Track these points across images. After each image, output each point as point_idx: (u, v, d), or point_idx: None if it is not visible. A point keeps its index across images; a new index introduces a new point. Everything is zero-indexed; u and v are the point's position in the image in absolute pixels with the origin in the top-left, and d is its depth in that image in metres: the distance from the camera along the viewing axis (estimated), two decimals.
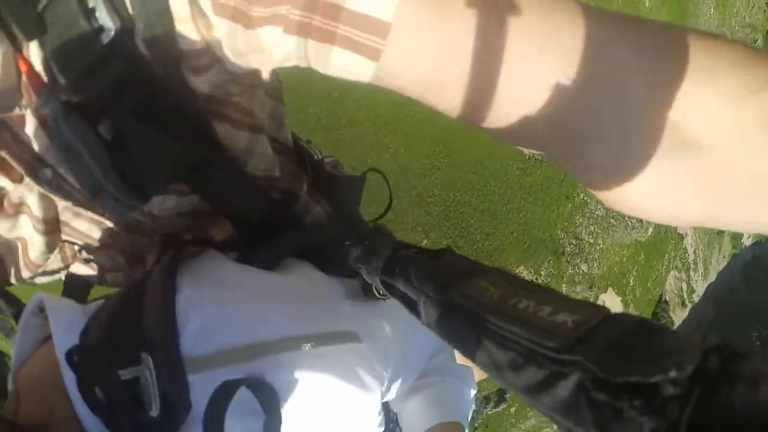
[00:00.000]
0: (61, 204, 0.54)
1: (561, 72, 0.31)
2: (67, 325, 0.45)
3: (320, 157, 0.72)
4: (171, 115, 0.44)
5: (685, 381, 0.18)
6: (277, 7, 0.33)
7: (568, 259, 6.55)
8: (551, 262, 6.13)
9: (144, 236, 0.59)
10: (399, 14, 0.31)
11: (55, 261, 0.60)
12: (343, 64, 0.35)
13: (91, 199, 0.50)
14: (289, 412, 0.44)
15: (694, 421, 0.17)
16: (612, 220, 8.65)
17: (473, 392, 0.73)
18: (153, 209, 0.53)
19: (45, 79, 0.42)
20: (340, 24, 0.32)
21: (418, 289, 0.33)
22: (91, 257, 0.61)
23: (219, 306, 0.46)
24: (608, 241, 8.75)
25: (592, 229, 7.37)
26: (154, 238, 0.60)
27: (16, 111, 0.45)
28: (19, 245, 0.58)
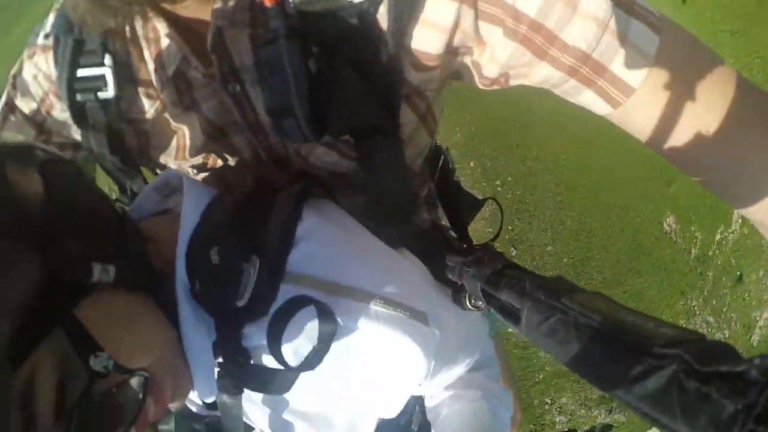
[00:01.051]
0: (231, 117, 0.59)
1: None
2: (197, 199, 0.52)
3: (453, 166, 0.80)
4: (375, 80, 0.49)
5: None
6: (560, 53, 0.45)
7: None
8: None
9: (283, 172, 0.64)
10: (643, 85, 0.45)
11: (194, 163, 0.65)
12: (589, 102, 0.49)
13: (270, 119, 0.53)
14: (336, 351, 0.48)
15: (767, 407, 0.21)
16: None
17: (510, 415, 0.74)
18: (311, 156, 0.60)
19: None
20: (601, 78, 0.46)
21: (527, 294, 0.39)
22: (219, 173, 0.66)
23: (329, 241, 0.52)
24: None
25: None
26: (287, 178, 0.66)
27: (235, 28, 0.52)
28: (177, 134, 0.63)
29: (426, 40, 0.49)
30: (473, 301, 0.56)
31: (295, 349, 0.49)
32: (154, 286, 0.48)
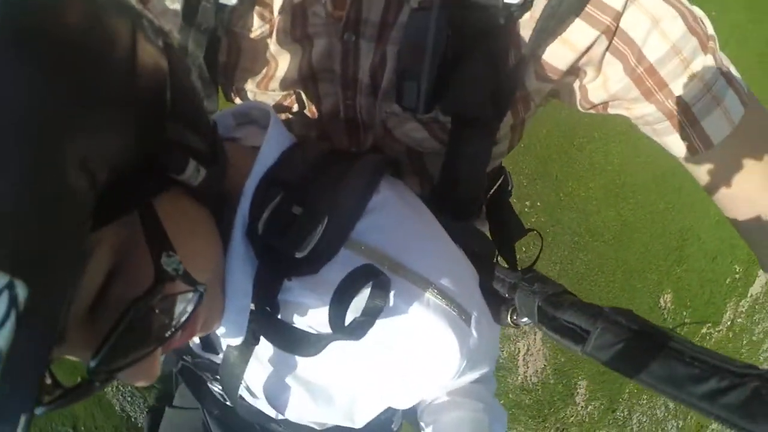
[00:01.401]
0: (330, 64, 0.60)
1: None
2: (280, 137, 0.51)
3: (511, 186, 0.82)
4: (499, 75, 0.52)
5: None
6: (665, 98, 0.52)
7: None
8: None
9: (353, 136, 0.66)
10: (723, 144, 0.52)
11: (273, 98, 0.66)
12: (672, 143, 0.55)
13: (366, 80, 0.58)
14: (379, 328, 0.47)
15: None
16: None
17: None
18: (397, 130, 0.61)
19: None
20: (691, 127, 0.52)
21: (602, 317, 0.43)
22: (295, 119, 0.67)
23: (400, 218, 0.52)
24: None
25: (644, 421, 6.76)
26: (351, 146, 0.67)
27: None
28: (270, 63, 0.63)
29: (558, 55, 0.53)
30: (515, 318, 0.57)
31: (339, 314, 0.48)
32: (219, 210, 0.47)
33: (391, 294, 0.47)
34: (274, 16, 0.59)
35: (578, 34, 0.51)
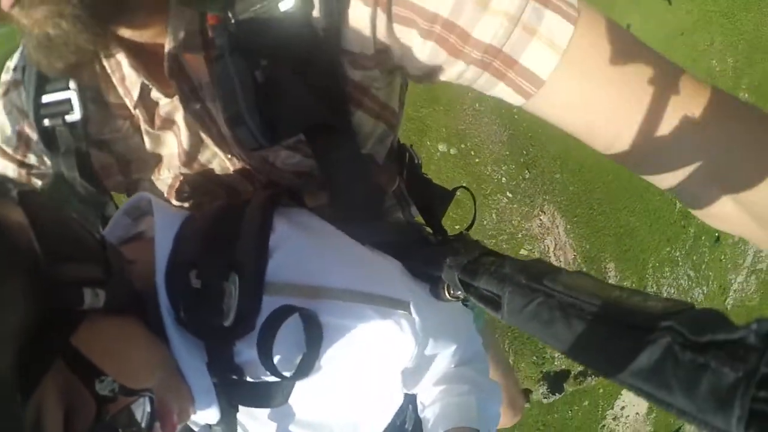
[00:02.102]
0: (197, 134, 0.61)
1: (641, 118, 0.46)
2: (169, 224, 0.52)
3: (419, 161, 0.81)
4: (318, 81, 0.52)
5: (766, 334, 0.21)
6: (472, 49, 0.47)
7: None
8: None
9: (252, 182, 0.66)
10: (552, 77, 0.46)
11: (165, 182, 0.67)
12: (503, 94, 0.50)
13: (229, 131, 0.59)
14: (326, 352, 0.50)
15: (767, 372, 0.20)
16: (689, 300, 7.68)
17: (499, 408, 0.76)
18: (277, 161, 0.61)
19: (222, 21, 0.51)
20: (511, 70, 0.47)
21: (509, 280, 0.39)
22: (192, 196, 0.68)
23: (302, 247, 0.52)
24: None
25: (672, 292, 7.48)
26: (257, 188, 0.67)
27: (189, 52, 0.55)
28: (151, 152, 0.64)
29: (355, 40, 0.51)
30: (452, 291, 0.57)
31: (287, 358, 0.49)
32: (141, 309, 0.48)
33: (324, 319, 0.49)
34: (132, 112, 0.61)
35: (356, 15, 0.49)
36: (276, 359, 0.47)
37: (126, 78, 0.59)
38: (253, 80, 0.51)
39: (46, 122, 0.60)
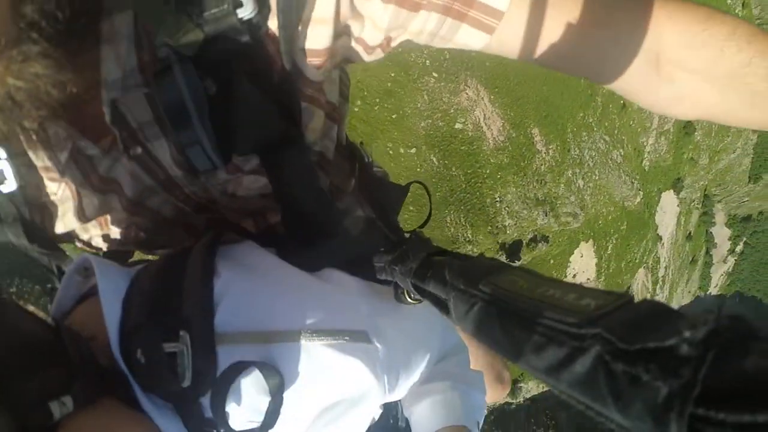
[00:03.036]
0: (142, 183, 0.58)
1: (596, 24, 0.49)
2: (114, 292, 0.50)
3: (370, 159, 0.80)
4: (274, 89, 0.51)
5: (700, 342, 0.19)
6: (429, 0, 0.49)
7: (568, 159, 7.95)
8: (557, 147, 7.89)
9: (213, 215, 0.65)
10: (510, 6, 0.49)
11: (117, 232, 0.64)
12: (466, 38, 0.51)
13: (177, 171, 0.56)
14: (291, 395, 0.49)
15: (707, 385, 0.18)
16: (610, 162, 9.04)
17: (484, 398, 0.75)
18: (239, 189, 0.59)
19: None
20: (472, 9, 0.49)
21: (450, 285, 0.39)
22: (147, 240, 0.66)
23: (249, 292, 0.51)
24: (603, 179, 8.99)
25: (594, 155, 8.54)
26: (216, 220, 0.66)
27: (130, 92, 0.50)
28: (95, 212, 0.61)
29: (316, 36, 0.51)
30: (413, 296, 0.55)
31: (255, 408, 0.49)
32: (113, 383, 0.46)
33: (283, 364, 0.49)
34: (61, 176, 0.57)
35: (319, 7, 0.49)
36: (244, 409, 0.48)
37: (51, 140, 0.54)
38: (204, 92, 0.48)
39: None
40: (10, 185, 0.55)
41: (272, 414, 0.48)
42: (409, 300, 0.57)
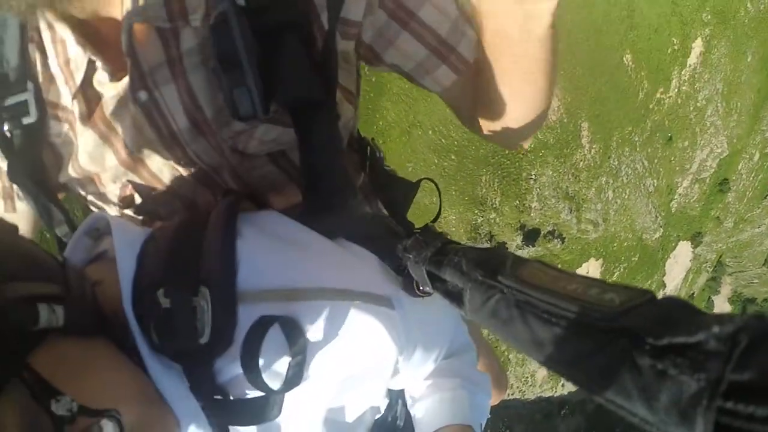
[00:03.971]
0: (144, 137, 0.58)
1: None
2: (129, 245, 0.50)
3: (380, 154, 0.81)
4: (317, 52, 0.54)
5: (728, 337, 0.19)
6: (419, 26, 0.58)
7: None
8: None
9: (210, 187, 0.64)
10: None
11: (113, 193, 0.63)
12: (440, 76, 0.64)
13: (186, 125, 0.56)
14: (312, 354, 0.49)
15: (734, 380, 0.18)
16: (642, 188, 9.30)
17: (489, 400, 0.75)
18: (251, 143, 0.59)
19: None
20: (451, 54, 0.62)
21: (466, 275, 0.39)
22: (146, 207, 0.65)
23: (272, 251, 0.52)
24: (631, 201, 9.24)
25: (629, 173, 8.75)
26: (217, 195, 0.65)
27: (148, 25, 0.52)
28: (93, 159, 0.60)
29: (353, 6, 0.54)
30: (421, 288, 0.54)
31: (273, 369, 0.48)
32: (114, 332, 0.46)
33: (305, 322, 0.48)
34: (67, 114, 0.58)
35: None
36: (264, 373, 0.46)
37: (71, 61, 0.55)
38: (256, 43, 0.50)
39: (5, 127, 0.57)
40: (32, 117, 0.56)
41: (294, 374, 0.47)
42: (417, 292, 0.56)
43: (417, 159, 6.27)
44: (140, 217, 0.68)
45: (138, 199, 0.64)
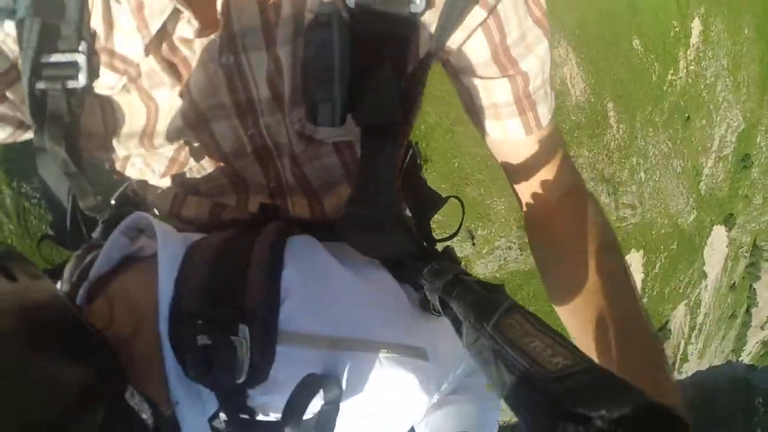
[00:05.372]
0: (216, 98, 0.54)
1: None
2: (172, 260, 0.48)
3: (419, 162, 0.81)
4: (408, 83, 0.53)
5: (611, 422, 0.26)
6: (516, 74, 0.56)
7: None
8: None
9: (267, 174, 0.61)
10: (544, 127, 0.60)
11: (164, 155, 0.58)
12: (511, 126, 0.60)
13: (266, 95, 0.53)
14: (346, 404, 0.48)
15: None
16: (671, 168, 9.15)
17: (498, 417, 0.77)
18: (319, 131, 0.57)
19: None
20: (531, 111, 0.59)
21: (464, 314, 0.44)
22: (191, 178, 0.61)
23: (317, 293, 0.50)
24: (662, 182, 9.09)
25: (656, 154, 8.78)
26: (270, 179, 0.62)
27: None
28: (147, 114, 0.55)
29: (459, 33, 0.53)
30: (436, 309, 0.55)
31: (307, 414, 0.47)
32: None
33: (342, 371, 0.48)
34: (128, 65, 0.52)
35: (471, 17, 0.52)
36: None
37: (145, 6, 0.49)
38: (351, 58, 0.49)
39: (42, 85, 0.50)
40: (80, 82, 0.51)
41: (326, 422, 0.47)
42: (432, 312, 0.57)
43: (462, 154, 6.57)
44: (174, 192, 0.64)
45: (190, 163, 0.59)
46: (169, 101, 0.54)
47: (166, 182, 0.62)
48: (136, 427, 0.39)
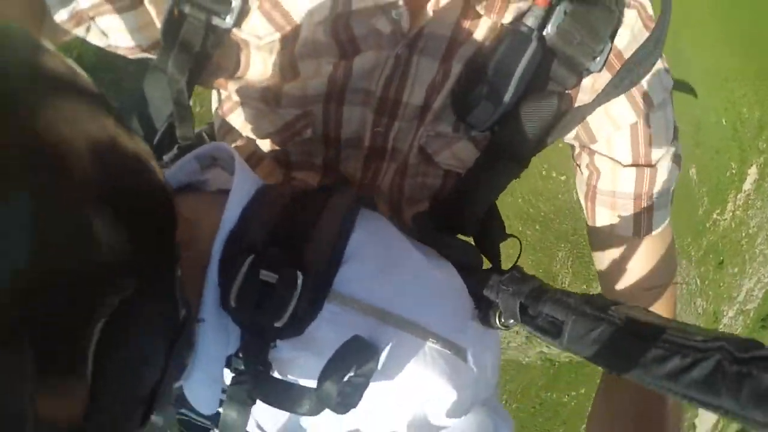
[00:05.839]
0: (367, 83, 0.53)
1: None
2: (244, 193, 0.46)
3: None
4: (555, 121, 0.54)
5: None
6: (650, 174, 0.57)
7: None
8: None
9: (366, 170, 0.60)
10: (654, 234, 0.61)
11: (283, 117, 0.56)
12: (623, 221, 0.60)
13: (418, 102, 0.53)
14: (375, 381, 0.45)
15: None
16: (692, 307, 8.64)
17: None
18: (443, 152, 0.57)
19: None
20: (647, 213, 0.59)
21: (572, 308, 0.44)
22: (299, 143, 0.59)
23: (381, 264, 0.48)
24: (679, 317, 8.55)
25: (689, 281, 8.47)
26: (365, 177, 0.61)
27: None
28: (282, 74, 0.53)
29: (596, 120, 0.55)
30: (503, 320, 0.55)
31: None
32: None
33: (387, 347, 0.46)
34: (288, 23, 0.49)
35: (621, 112, 0.53)
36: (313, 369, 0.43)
37: None
38: (531, 77, 0.50)
39: (186, 8, 0.47)
40: (227, 22, 0.49)
41: (351, 396, 0.43)
42: (496, 323, 0.55)
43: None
44: (253, 150, 0.62)
45: (306, 133, 0.58)
46: (316, 68, 0.52)
47: (253, 139, 0.60)
48: (165, 317, 0.35)
